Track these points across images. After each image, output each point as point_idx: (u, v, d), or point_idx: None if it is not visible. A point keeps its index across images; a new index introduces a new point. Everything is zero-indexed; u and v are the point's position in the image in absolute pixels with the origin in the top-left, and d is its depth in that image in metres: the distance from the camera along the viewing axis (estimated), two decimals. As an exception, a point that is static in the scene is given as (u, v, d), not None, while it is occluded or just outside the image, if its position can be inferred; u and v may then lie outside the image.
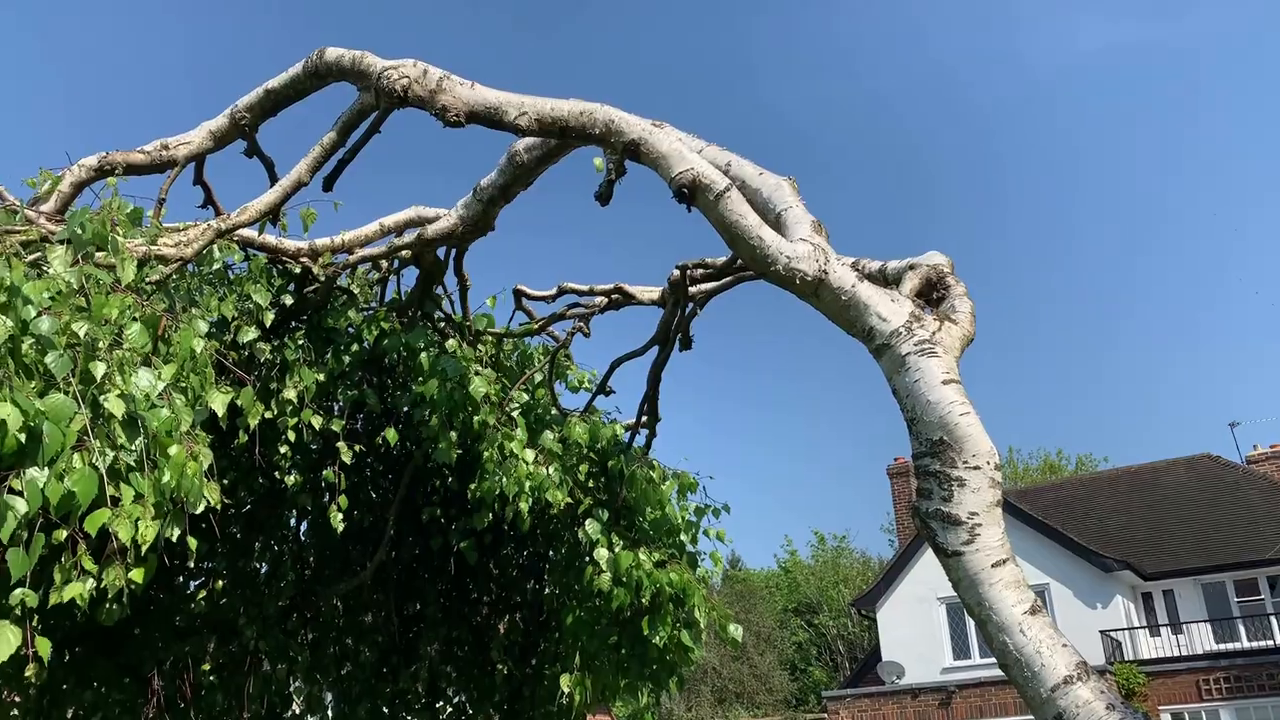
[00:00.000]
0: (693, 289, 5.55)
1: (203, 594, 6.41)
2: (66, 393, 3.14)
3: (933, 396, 3.21)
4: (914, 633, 24.42)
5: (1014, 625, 2.87)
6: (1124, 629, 22.74)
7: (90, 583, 3.05)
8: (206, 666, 6.47)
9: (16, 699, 6.48)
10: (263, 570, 6.88)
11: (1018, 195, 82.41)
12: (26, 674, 2.94)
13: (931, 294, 3.94)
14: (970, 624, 23.74)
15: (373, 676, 7.05)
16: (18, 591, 2.88)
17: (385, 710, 7.03)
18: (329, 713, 7.07)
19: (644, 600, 5.40)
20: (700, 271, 5.42)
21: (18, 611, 3.11)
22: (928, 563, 24.06)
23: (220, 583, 6.47)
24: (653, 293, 5.89)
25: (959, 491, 3.12)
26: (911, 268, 4.07)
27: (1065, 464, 49.85)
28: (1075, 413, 77.94)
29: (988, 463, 3.15)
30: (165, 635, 6.39)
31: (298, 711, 7.09)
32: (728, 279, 5.55)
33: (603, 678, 5.95)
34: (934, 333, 3.44)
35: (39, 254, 3.60)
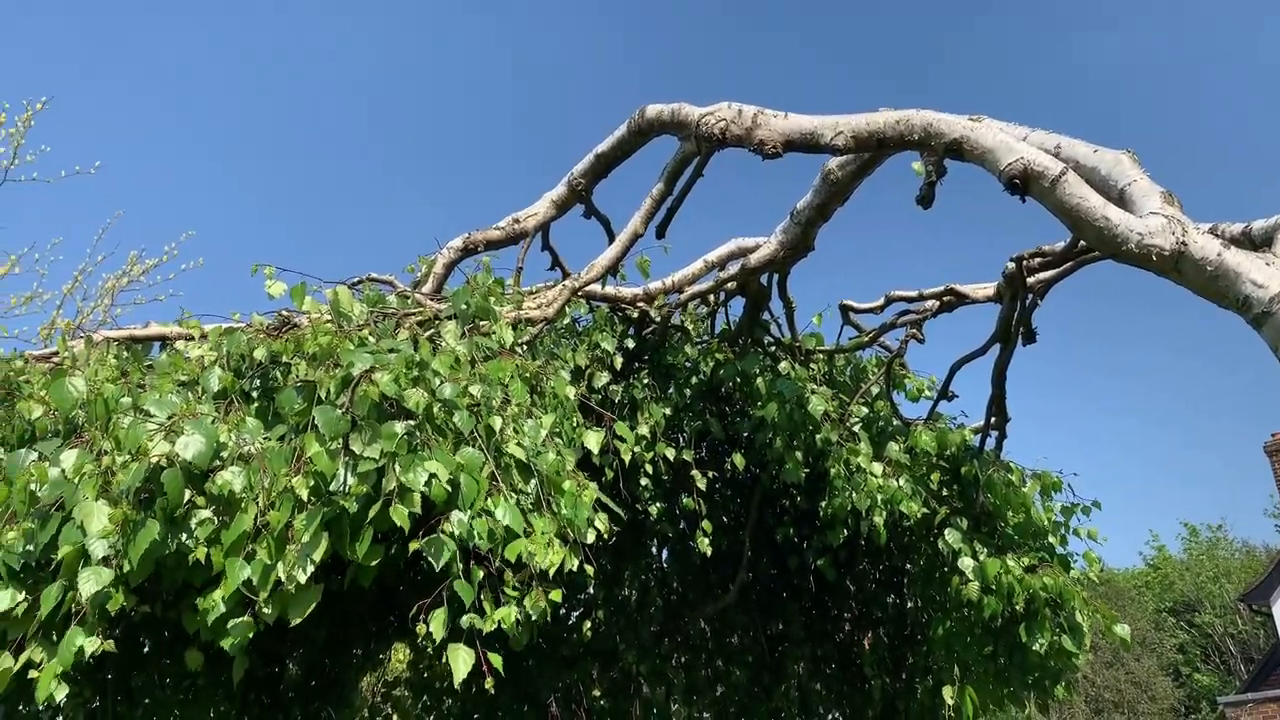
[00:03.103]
0: (1030, 280, 5.34)
1: (588, 624, 6.91)
2: (473, 446, 3.57)
3: (1332, 364, 2.92)
4: (1321, 625, 21.46)
5: None
6: None
7: (515, 608, 3.43)
8: (596, 692, 6.96)
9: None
10: (632, 598, 7.32)
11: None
12: (486, 685, 3.34)
13: (1312, 250, 3.57)
14: (1397, 617, 20.60)
15: (746, 696, 7.27)
16: (466, 617, 3.30)
17: (761, 729, 7.22)
18: (709, 732, 7.35)
19: (1017, 607, 5.22)
20: (1038, 260, 5.21)
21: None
22: (1330, 548, 21.13)
23: (600, 612, 6.96)
24: (987, 289, 5.72)
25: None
26: (1284, 224, 3.72)
27: None
28: None
29: None
30: (555, 664, 6.96)
31: (679, 732, 7.44)
32: (1068, 265, 5.29)
33: (982, 688, 5.80)
34: (1323, 293, 3.13)
35: (433, 330, 4.13)
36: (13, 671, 3.18)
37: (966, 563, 5.40)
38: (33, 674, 3.15)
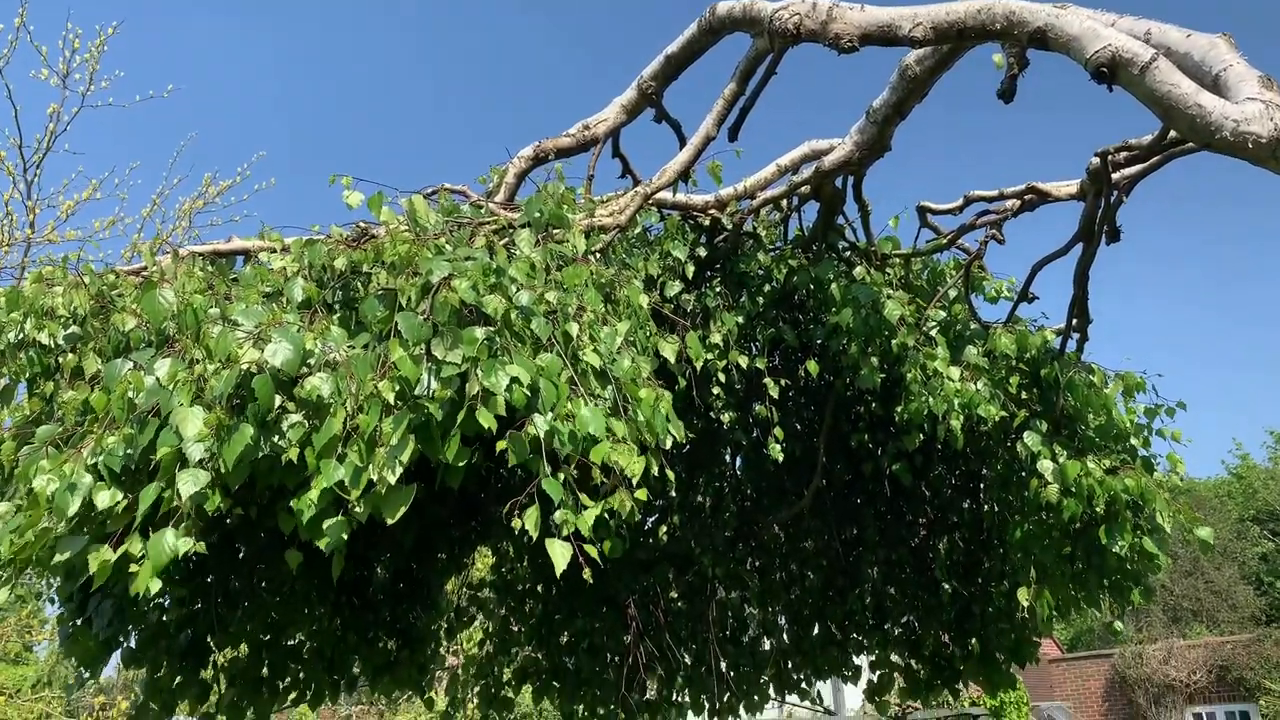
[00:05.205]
0: (1116, 175, 5.15)
1: (664, 529, 7.04)
2: (550, 352, 3.61)
3: None
4: None
5: None
6: None
7: (600, 510, 3.48)
8: (673, 594, 7.11)
9: (517, 628, 7.57)
10: (706, 504, 7.41)
11: None
12: (584, 575, 3.43)
13: None
14: None
15: (820, 600, 7.37)
16: (559, 513, 3.36)
17: (836, 631, 7.32)
18: (784, 636, 7.48)
19: (1097, 509, 5.16)
20: (1124, 155, 5.02)
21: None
22: None
23: (675, 517, 7.07)
24: (1070, 186, 5.54)
25: None
26: (1396, 106, 3.51)
27: None
28: None
29: None
30: (632, 568, 7.11)
31: (754, 635, 7.59)
32: (1156, 158, 5.09)
33: (1059, 591, 5.78)
34: None
35: (507, 239, 4.15)
36: (111, 563, 3.32)
37: (1046, 465, 5.33)
38: (133, 568, 3.30)
